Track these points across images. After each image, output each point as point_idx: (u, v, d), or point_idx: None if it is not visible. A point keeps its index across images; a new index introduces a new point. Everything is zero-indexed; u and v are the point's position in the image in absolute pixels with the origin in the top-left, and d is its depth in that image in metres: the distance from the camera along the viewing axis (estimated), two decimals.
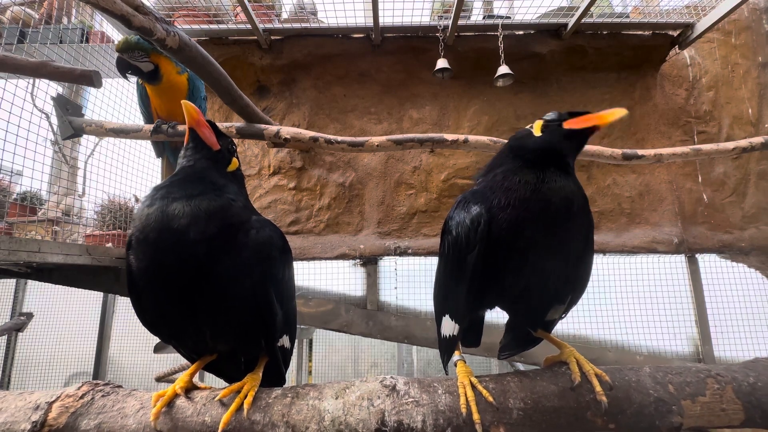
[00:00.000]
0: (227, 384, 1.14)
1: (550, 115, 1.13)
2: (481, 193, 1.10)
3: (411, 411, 1.00)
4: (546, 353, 1.23)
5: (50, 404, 1.04)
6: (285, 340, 1.24)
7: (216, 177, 1.15)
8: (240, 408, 1.02)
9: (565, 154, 1.09)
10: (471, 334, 1.47)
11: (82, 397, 1.06)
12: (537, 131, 1.12)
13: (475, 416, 0.99)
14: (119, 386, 1.13)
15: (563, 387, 1.06)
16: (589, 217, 1.11)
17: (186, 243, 0.99)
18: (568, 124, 1.08)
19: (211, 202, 1.05)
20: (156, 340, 3.09)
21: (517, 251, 1.04)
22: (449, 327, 1.19)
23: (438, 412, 1.00)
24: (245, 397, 1.04)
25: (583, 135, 1.08)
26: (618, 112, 0.99)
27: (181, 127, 2.42)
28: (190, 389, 1.10)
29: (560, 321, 1.29)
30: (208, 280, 1.02)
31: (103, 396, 1.07)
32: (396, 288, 3.12)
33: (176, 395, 1.07)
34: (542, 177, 1.03)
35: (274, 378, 1.23)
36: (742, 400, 1.07)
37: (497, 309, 1.28)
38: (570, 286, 1.16)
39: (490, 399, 1.02)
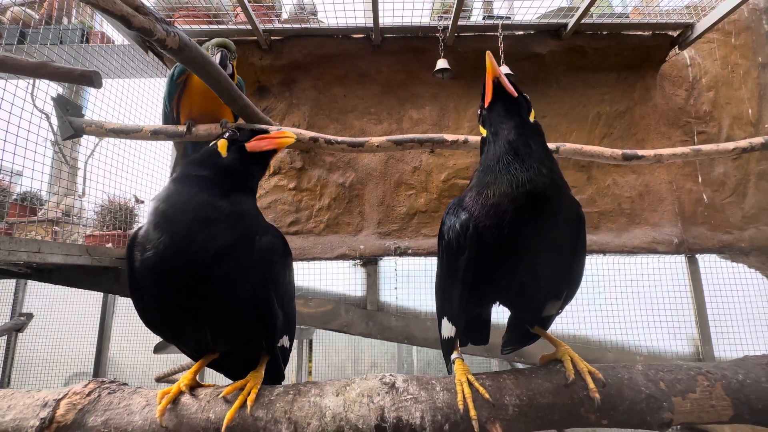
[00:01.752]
0: (230, 381, 1.16)
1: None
2: (468, 196, 1.12)
3: (410, 407, 1.02)
4: (544, 352, 1.25)
5: (58, 401, 1.05)
6: (285, 340, 1.26)
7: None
8: (243, 405, 1.03)
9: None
10: (478, 333, 1.48)
11: (89, 395, 1.07)
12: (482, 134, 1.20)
13: (472, 412, 1.00)
14: (125, 384, 1.14)
15: (557, 384, 1.08)
16: (576, 210, 1.11)
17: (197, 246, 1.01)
18: None
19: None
20: (156, 340, 3.09)
21: (507, 252, 1.05)
22: (447, 329, 1.21)
23: (436, 409, 1.02)
24: (248, 394, 1.06)
25: None
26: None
27: (202, 128, 2.42)
28: (194, 387, 1.12)
29: (561, 321, 1.29)
30: (211, 283, 1.03)
31: (109, 393, 1.08)
32: (396, 288, 3.12)
33: (181, 392, 1.08)
34: (511, 179, 1.01)
35: (274, 375, 1.25)
36: (730, 396, 1.10)
37: (499, 310, 1.29)
38: (564, 282, 1.18)
39: (487, 396, 1.04)
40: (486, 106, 1.17)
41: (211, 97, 2.34)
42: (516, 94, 1.14)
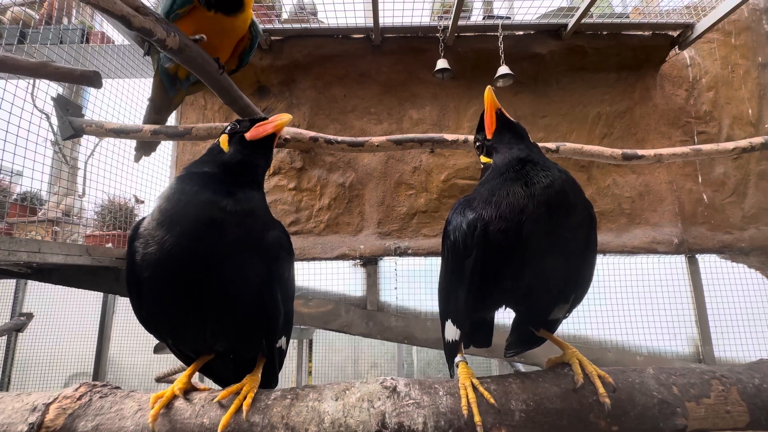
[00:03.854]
0: (220, 386, 1.13)
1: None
2: (476, 201, 1.10)
3: (412, 413, 0.99)
4: (549, 354, 1.23)
5: (47, 406, 1.02)
6: (282, 342, 1.25)
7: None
8: (239, 410, 1.00)
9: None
10: (481, 335, 1.46)
11: (79, 399, 1.04)
12: None
13: (477, 418, 0.97)
14: (117, 387, 1.11)
15: (566, 388, 1.05)
16: (588, 211, 1.11)
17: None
18: None
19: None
20: (156, 340, 3.09)
21: (515, 255, 1.03)
22: (451, 332, 1.18)
23: (439, 414, 0.99)
24: (244, 398, 1.03)
25: None
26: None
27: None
28: (188, 390, 1.09)
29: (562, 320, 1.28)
30: (216, 281, 1.01)
31: (101, 397, 1.05)
32: (396, 288, 3.12)
33: (175, 396, 1.05)
34: (528, 181, 1.03)
35: (269, 379, 1.23)
36: (747, 401, 1.05)
37: (502, 310, 1.28)
38: (573, 285, 1.15)
39: (492, 401, 1.01)
40: (490, 136, 1.22)
41: (223, 35, 2.00)
42: (516, 122, 1.22)
